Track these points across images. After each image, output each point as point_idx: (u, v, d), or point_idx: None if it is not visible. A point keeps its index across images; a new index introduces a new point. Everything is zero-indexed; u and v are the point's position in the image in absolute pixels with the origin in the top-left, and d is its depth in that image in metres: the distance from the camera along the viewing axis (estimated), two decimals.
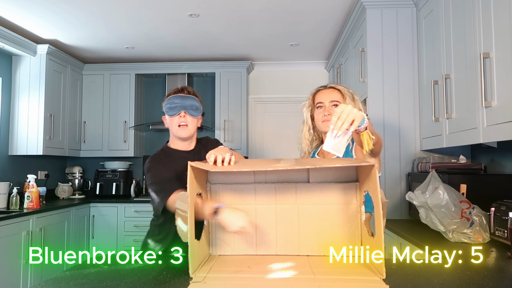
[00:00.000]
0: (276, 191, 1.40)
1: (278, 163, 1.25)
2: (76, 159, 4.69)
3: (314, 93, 1.79)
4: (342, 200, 1.36)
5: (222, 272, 1.20)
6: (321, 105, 1.73)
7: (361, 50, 2.87)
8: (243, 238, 1.39)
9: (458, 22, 2.07)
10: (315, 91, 1.80)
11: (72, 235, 3.79)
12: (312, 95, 1.80)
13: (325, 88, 1.77)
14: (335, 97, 1.72)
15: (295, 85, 4.61)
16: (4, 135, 3.76)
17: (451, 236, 1.82)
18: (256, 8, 3.12)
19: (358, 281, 1.11)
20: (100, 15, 3.23)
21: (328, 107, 1.70)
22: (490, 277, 1.21)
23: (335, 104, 1.70)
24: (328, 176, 1.39)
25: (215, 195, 1.41)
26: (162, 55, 4.36)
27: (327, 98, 1.72)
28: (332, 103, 1.71)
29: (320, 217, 1.36)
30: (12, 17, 3.26)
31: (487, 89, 1.75)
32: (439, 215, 1.83)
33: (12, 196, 3.42)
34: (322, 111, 1.71)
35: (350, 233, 1.35)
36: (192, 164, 1.21)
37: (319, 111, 1.73)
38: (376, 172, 1.16)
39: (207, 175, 1.43)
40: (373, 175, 1.18)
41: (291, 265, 1.26)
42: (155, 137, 4.85)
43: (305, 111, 1.83)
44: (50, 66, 3.91)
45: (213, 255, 1.39)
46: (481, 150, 2.47)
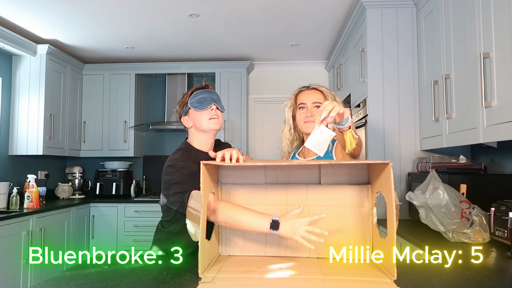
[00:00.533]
0: (287, 192, 1.40)
1: (291, 162, 1.25)
2: (76, 159, 4.69)
3: (297, 93, 1.82)
4: (354, 202, 1.36)
5: (231, 272, 1.20)
6: (303, 105, 1.74)
7: (361, 50, 2.87)
8: (253, 239, 1.39)
9: (458, 22, 2.07)
10: (297, 91, 1.82)
11: (72, 235, 3.79)
12: (294, 95, 1.82)
13: (308, 89, 1.79)
14: (317, 98, 1.74)
15: (295, 85, 4.50)
16: (4, 135, 3.76)
17: (451, 236, 1.82)
18: (256, 8, 3.12)
19: (368, 283, 1.11)
20: (100, 15, 3.23)
21: (310, 108, 1.72)
22: (490, 277, 1.21)
23: (317, 105, 1.71)
24: (339, 178, 1.39)
25: (226, 195, 1.42)
26: (162, 55, 4.36)
27: (310, 99, 1.74)
28: (315, 104, 1.72)
29: (330, 219, 1.36)
30: (12, 17, 3.25)
31: (487, 89, 1.75)
32: (439, 215, 1.83)
33: (12, 196, 3.42)
34: (304, 112, 1.73)
35: (361, 235, 1.35)
36: (205, 162, 1.21)
37: (301, 112, 1.75)
38: (391, 171, 1.14)
39: (218, 175, 1.43)
40: (387, 174, 1.16)
41: (300, 266, 1.25)
42: (155, 137, 4.85)
43: (287, 111, 1.85)
44: (50, 66, 3.91)
45: (222, 255, 1.40)
46: (481, 150, 2.47)
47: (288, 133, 1.83)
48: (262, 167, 1.41)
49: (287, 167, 1.41)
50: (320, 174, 1.40)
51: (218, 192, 1.41)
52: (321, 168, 1.40)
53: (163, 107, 4.78)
